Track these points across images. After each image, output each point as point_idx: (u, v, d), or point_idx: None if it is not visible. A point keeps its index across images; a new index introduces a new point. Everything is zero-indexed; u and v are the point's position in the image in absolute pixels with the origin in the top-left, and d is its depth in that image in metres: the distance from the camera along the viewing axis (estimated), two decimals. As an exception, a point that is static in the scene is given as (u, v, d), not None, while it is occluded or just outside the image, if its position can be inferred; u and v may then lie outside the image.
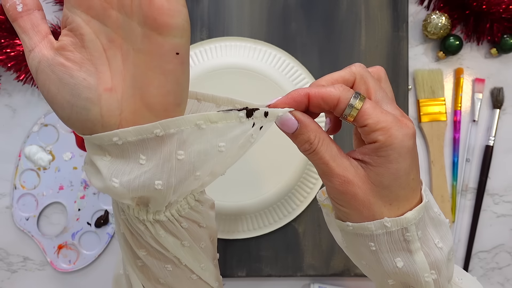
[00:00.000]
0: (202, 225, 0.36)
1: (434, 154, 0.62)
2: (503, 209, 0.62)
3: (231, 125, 0.30)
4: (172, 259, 0.35)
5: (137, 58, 0.28)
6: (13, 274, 0.62)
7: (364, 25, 0.61)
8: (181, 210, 0.33)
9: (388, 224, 0.31)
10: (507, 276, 0.62)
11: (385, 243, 0.31)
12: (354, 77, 0.32)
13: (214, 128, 0.29)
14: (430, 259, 0.32)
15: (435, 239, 0.33)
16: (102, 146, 0.29)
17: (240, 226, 0.58)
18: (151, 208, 0.32)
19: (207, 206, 0.36)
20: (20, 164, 0.61)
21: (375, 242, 0.32)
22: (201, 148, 0.29)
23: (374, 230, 0.31)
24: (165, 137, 0.28)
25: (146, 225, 0.33)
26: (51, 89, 0.28)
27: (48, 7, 0.61)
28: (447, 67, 0.63)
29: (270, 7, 0.61)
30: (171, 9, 0.26)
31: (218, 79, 0.56)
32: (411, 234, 0.31)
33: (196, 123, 0.29)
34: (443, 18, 0.60)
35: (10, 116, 0.62)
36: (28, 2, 0.28)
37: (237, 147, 0.30)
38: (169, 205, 0.32)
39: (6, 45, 0.57)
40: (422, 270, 0.32)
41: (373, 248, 0.32)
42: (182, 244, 0.34)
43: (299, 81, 0.58)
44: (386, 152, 0.30)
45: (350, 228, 0.32)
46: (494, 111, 0.62)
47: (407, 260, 0.32)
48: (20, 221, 0.61)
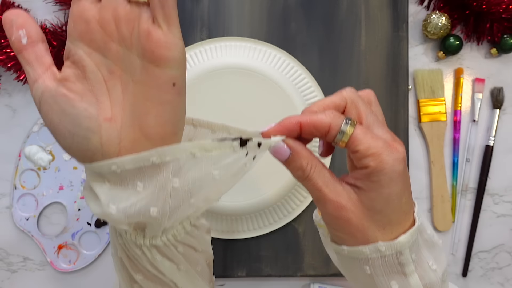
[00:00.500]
0: (198, 249, 0.36)
1: (434, 154, 0.62)
2: (503, 209, 0.62)
3: (225, 154, 0.30)
4: (168, 283, 0.35)
5: (136, 89, 0.29)
6: (13, 274, 0.62)
7: (364, 25, 0.61)
8: (177, 235, 0.33)
9: (383, 248, 0.31)
10: (507, 276, 0.62)
11: (379, 266, 0.32)
12: (345, 102, 0.32)
13: (208, 156, 0.30)
14: (424, 282, 0.32)
15: (429, 261, 0.33)
16: (102, 173, 0.29)
17: (240, 226, 0.58)
18: (147, 233, 0.32)
19: (203, 231, 0.36)
20: (20, 164, 0.61)
21: (370, 266, 0.32)
22: (196, 176, 0.30)
23: (368, 254, 0.32)
24: (161, 165, 0.29)
25: (143, 250, 0.33)
26: (54, 119, 0.29)
27: (48, 7, 0.61)
28: (447, 67, 0.63)
29: (270, 7, 0.61)
30: (168, 42, 0.28)
31: (218, 79, 0.56)
32: (405, 257, 0.31)
33: (191, 151, 0.29)
34: (443, 18, 0.60)
35: (10, 116, 0.62)
36: (32, 35, 0.29)
37: (231, 175, 0.31)
38: (165, 230, 0.32)
39: (6, 45, 0.57)
40: None
41: (368, 272, 0.32)
42: (178, 268, 0.34)
43: (299, 81, 0.58)
44: (378, 177, 0.30)
45: (345, 252, 0.33)
46: (494, 111, 0.62)
47: (402, 283, 0.32)
48: (20, 221, 0.61)
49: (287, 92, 0.57)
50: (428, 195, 0.62)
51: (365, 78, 0.61)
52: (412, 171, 0.62)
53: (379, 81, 0.61)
